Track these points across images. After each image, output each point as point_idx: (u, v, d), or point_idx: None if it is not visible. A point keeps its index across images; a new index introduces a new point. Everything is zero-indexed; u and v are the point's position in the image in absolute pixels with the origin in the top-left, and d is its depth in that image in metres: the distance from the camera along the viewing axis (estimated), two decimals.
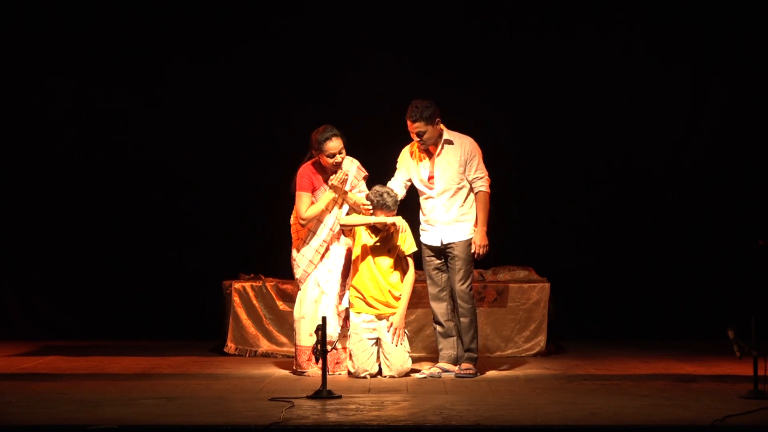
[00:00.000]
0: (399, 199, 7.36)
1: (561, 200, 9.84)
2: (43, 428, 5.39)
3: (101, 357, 8.39)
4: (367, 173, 7.52)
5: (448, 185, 7.31)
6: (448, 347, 7.39)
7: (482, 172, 7.35)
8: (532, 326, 8.57)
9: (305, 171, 7.42)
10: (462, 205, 7.33)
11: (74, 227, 9.88)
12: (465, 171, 7.31)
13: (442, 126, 7.33)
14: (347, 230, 7.36)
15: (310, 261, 7.38)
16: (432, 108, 7.23)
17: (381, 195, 7.23)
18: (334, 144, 7.29)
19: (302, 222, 7.36)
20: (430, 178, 7.34)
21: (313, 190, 7.39)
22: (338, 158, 7.32)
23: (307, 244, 7.38)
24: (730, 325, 6.31)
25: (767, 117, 9.73)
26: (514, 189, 9.66)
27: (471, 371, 7.29)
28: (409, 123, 7.26)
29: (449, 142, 7.34)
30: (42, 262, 9.93)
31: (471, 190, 7.36)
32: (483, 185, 7.34)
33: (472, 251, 7.29)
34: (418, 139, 7.28)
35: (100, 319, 9.84)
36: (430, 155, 7.36)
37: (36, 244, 9.92)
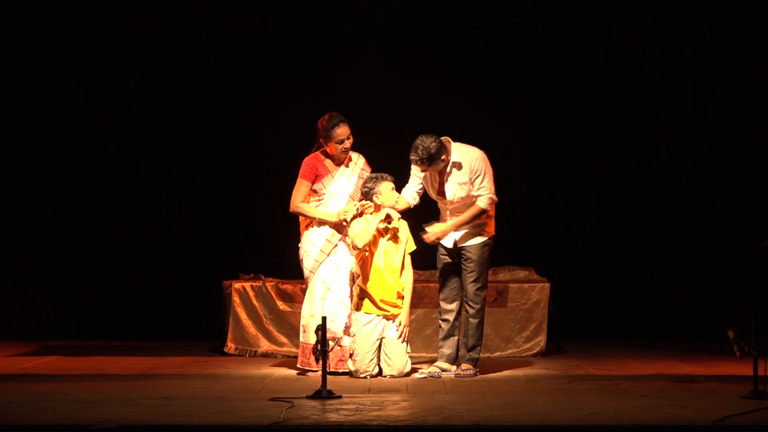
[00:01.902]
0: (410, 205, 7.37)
1: (561, 200, 9.84)
2: (43, 428, 5.39)
3: (101, 357, 8.39)
4: (371, 169, 7.54)
5: (460, 201, 7.26)
6: (448, 347, 7.39)
7: (486, 190, 7.21)
8: (532, 326, 8.57)
9: (310, 159, 7.45)
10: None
11: (74, 227, 9.88)
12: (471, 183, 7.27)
13: (449, 144, 7.21)
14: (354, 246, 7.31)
15: (320, 250, 7.37)
16: (433, 149, 7.06)
17: (373, 177, 7.25)
18: (342, 130, 7.33)
19: (290, 209, 7.40)
20: (441, 192, 7.32)
21: (316, 178, 7.40)
22: (346, 144, 7.36)
23: (317, 231, 7.39)
24: (730, 325, 6.31)
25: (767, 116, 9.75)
26: (515, 189, 9.66)
27: (470, 372, 7.29)
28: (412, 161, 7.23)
29: (457, 165, 7.21)
30: (42, 262, 9.93)
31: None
32: (482, 201, 7.21)
33: (424, 234, 7.24)
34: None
35: (100, 319, 9.84)
36: (440, 172, 7.32)
37: (36, 244, 9.92)
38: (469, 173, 7.20)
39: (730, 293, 9.48)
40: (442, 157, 7.16)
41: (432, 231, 7.28)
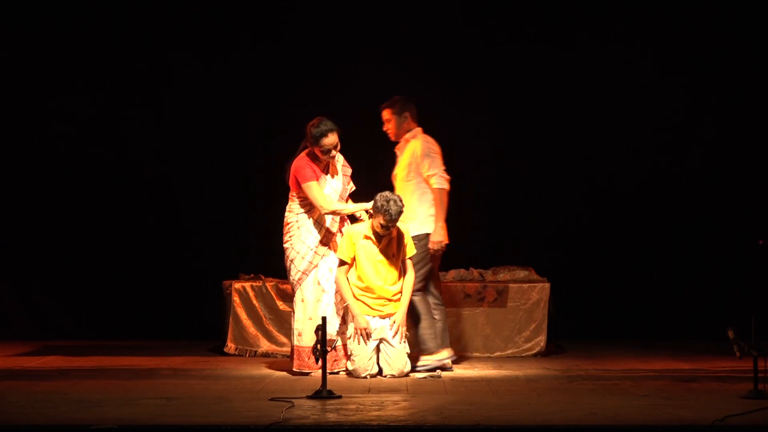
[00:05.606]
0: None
1: (561, 200, 9.83)
2: (43, 428, 5.39)
3: (101, 357, 8.40)
4: (351, 169, 7.55)
5: (399, 183, 7.49)
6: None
7: (435, 170, 7.39)
8: (532, 326, 8.57)
9: (304, 163, 7.36)
10: (411, 203, 7.39)
11: (74, 227, 9.88)
12: (417, 169, 7.40)
13: (412, 126, 7.47)
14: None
15: (315, 252, 7.37)
16: (403, 102, 7.45)
17: (387, 201, 7.09)
18: (331, 140, 7.26)
19: (327, 212, 7.29)
20: (394, 176, 7.55)
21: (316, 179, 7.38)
22: (333, 153, 7.33)
23: (310, 232, 7.38)
24: (730, 325, 6.31)
25: (767, 117, 9.74)
26: (515, 189, 9.67)
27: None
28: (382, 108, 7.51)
29: (408, 142, 7.50)
30: (42, 262, 9.92)
31: (426, 189, 7.42)
32: (436, 182, 7.38)
33: (429, 247, 7.36)
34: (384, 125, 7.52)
35: (100, 319, 9.84)
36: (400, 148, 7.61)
37: (36, 244, 9.91)
38: (411, 155, 7.42)
39: (730, 293, 9.48)
40: (405, 114, 7.46)
41: (432, 239, 7.35)
